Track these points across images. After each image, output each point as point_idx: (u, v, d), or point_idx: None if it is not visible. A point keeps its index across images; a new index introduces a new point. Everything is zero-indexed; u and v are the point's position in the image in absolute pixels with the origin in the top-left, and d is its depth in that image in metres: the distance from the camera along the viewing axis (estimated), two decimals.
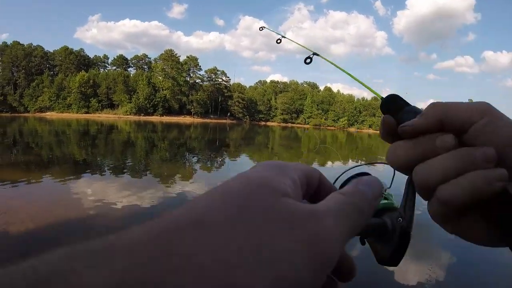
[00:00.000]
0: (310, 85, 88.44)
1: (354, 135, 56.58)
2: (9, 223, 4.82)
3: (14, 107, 78.53)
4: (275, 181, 0.20)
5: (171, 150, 15.77)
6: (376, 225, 0.30)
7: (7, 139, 20.63)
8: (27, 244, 4.12)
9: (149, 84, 73.34)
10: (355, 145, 27.96)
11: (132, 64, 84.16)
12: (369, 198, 0.22)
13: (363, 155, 19.28)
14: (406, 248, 0.28)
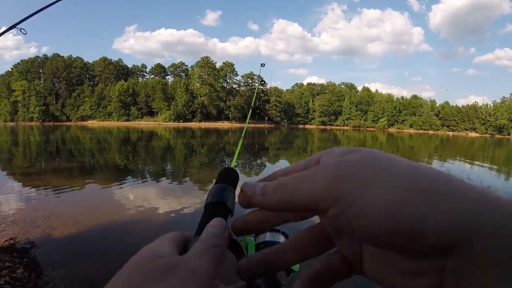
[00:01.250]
0: (347, 86, 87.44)
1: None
2: (52, 227, 4.92)
3: (57, 116, 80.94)
4: (154, 248, 0.25)
5: (209, 155, 15.70)
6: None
7: (50, 147, 21.15)
8: (70, 247, 4.21)
9: (187, 91, 74.38)
10: (396, 147, 27.28)
11: (169, 72, 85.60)
12: (219, 234, 0.27)
13: (404, 156, 18.57)
14: None
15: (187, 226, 4.88)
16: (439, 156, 18.93)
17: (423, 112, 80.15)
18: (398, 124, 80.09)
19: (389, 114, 79.39)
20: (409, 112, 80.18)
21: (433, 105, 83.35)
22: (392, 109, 79.78)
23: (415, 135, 56.94)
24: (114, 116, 76.18)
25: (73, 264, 3.68)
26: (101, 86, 78.27)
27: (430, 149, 26.00)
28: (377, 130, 74.83)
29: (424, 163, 14.77)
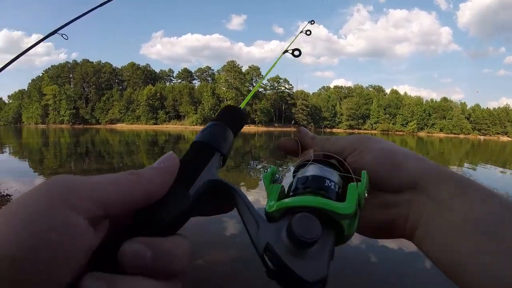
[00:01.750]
0: (375, 89, 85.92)
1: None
2: None
3: (86, 119, 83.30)
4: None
5: (236, 159, 15.20)
6: None
7: (80, 148, 21.26)
8: None
9: (213, 95, 75.07)
10: (426, 152, 26.51)
11: (196, 76, 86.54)
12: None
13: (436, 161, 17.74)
14: None
15: (214, 227, 4.92)
16: (470, 162, 18.28)
17: (453, 116, 78.18)
18: (428, 128, 78.16)
19: (418, 117, 77.68)
20: (439, 115, 78.17)
21: (463, 108, 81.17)
22: (422, 112, 78.07)
23: (445, 139, 55.57)
24: (142, 120, 77.73)
25: None
26: (129, 91, 79.94)
27: (460, 154, 25.29)
28: (406, 134, 73.43)
29: (455, 169, 13.70)
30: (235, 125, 0.36)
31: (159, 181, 0.25)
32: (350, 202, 0.30)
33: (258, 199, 7.03)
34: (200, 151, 0.31)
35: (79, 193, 0.20)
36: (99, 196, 0.21)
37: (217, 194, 0.30)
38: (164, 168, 0.26)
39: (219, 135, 0.33)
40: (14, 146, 23.19)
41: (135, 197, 0.23)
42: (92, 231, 0.21)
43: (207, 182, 0.29)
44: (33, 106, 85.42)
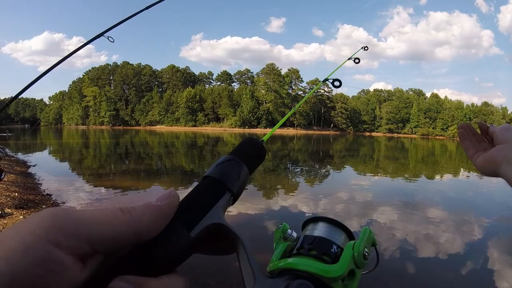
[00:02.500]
0: (415, 92, 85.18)
1: None
2: None
3: (126, 121, 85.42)
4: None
5: (274, 162, 15.58)
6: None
7: (120, 149, 22.32)
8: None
9: (253, 97, 75.90)
10: (466, 157, 26.14)
11: (235, 79, 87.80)
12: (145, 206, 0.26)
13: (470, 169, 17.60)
14: None
15: (252, 230, 5.17)
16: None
17: (494, 120, 76.76)
18: None
19: (459, 122, 76.43)
20: (479, 120, 77.08)
21: (504, 112, 79.66)
22: (462, 117, 77.10)
23: None
24: (181, 122, 79.29)
25: None
26: (169, 93, 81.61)
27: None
28: (446, 139, 72.77)
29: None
30: (253, 161, 0.35)
31: (151, 221, 0.25)
32: (341, 264, 0.29)
33: (295, 204, 7.50)
34: (210, 188, 0.30)
35: (65, 230, 0.20)
36: (86, 234, 0.21)
37: (220, 237, 0.29)
38: (159, 207, 0.26)
39: (233, 173, 0.32)
40: (55, 146, 24.57)
41: (124, 235, 0.23)
42: (79, 267, 0.21)
43: (211, 225, 0.28)
44: (73, 107, 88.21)
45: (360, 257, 0.30)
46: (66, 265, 0.20)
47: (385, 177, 12.83)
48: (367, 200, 8.27)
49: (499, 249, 5.12)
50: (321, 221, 0.36)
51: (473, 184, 11.99)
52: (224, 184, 0.30)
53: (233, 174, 0.32)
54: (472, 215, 7.14)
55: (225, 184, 0.30)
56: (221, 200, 0.30)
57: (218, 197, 0.29)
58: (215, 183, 0.30)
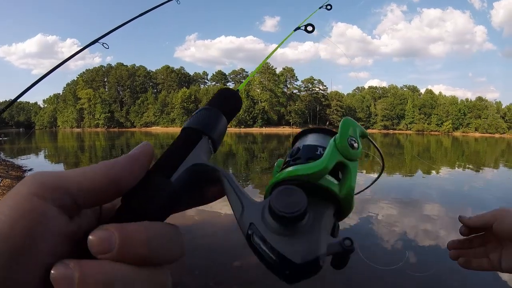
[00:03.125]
0: (410, 89, 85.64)
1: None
2: None
3: (121, 122, 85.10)
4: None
5: (271, 161, 15.39)
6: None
7: (115, 151, 21.95)
8: None
9: (248, 97, 75.86)
10: (461, 152, 26.46)
11: (230, 78, 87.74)
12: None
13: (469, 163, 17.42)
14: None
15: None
16: (506, 161, 18.45)
17: (489, 115, 77.58)
18: (463, 128, 77.82)
19: (453, 117, 77.26)
20: (474, 115, 77.47)
21: (498, 107, 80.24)
22: (457, 112, 77.75)
23: (480, 139, 55.37)
24: (177, 122, 78.94)
25: None
26: (164, 94, 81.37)
27: (496, 154, 25.56)
28: (441, 134, 73.27)
29: (491, 168, 14.72)
30: (228, 109, 0.35)
31: (126, 169, 0.25)
32: (322, 159, 0.28)
33: None
34: (187, 136, 0.30)
35: (45, 184, 0.22)
36: (65, 186, 0.22)
37: (205, 180, 0.29)
38: (133, 155, 0.26)
39: (208, 119, 0.32)
40: (50, 150, 24.02)
41: (100, 185, 0.24)
42: (64, 218, 0.22)
43: (190, 167, 0.27)
44: (68, 110, 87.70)
45: (345, 147, 0.29)
46: (50, 215, 0.21)
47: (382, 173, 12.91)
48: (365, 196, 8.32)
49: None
50: (308, 133, 0.36)
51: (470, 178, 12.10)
52: (199, 130, 0.30)
53: (209, 120, 0.32)
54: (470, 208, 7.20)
55: (200, 130, 0.30)
56: (199, 144, 0.29)
57: (195, 142, 0.29)
58: (192, 131, 0.30)
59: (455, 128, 77.88)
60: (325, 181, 0.28)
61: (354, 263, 0.27)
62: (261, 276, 3.66)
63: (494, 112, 78.16)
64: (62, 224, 0.22)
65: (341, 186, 0.28)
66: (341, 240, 0.24)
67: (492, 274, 3.79)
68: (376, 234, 5.26)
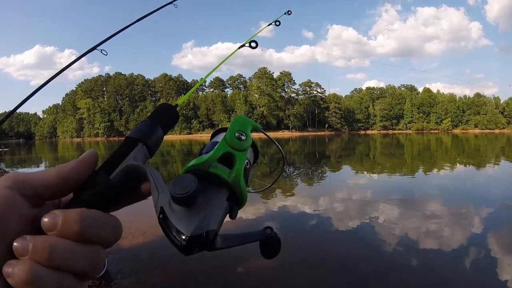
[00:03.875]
0: (408, 88, 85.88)
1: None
2: (121, 237, 5.27)
3: (121, 131, 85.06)
4: None
5: (271, 165, 15.45)
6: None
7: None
8: (138, 257, 4.39)
9: (246, 102, 76.31)
10: (461, 149, 26.38)
11: (228, 84, 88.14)
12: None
13: (470, 159, 17.64)
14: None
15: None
16: (507, 157, 18.53)
17: (488, 111, 77.66)
18: (463, 125, 77.83)
19: (452, 114, 77.38)
20: (473, 111, 77.60)
21: (497, 102, 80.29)
22: (456, 109, 77.85)
23: (480, 135, 55.32)
24: (176, 130, 79.11)
25: (141, 273, 3.90)
26: (162, 101, 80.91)
27: (496, 149, 25.50)
28: (441, 132, 73.33)
29: (491, 163, 14.86)
30: (163, 120, 0.39)
31: (74, 167, 0.32)
32: (212, 151, 0.34)
33: (295, 205, 7.45)
34: (126, 144, 0.35)
35: (15, 179, 0.29)
36: (28, 180, 0.29)
37: (138, 177, 0.34)
38: (81, 159, 0.33)
39: (144, 130, 0.36)
40: (50, 160, 24.12)
41: (55, 182, 0.31)
42: (27, 205, 0.29)
43: (125, 167, 0.33)
44: (67, 120, 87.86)
45: (232, 139, 0.35)
46: (17, 200, 0.28)
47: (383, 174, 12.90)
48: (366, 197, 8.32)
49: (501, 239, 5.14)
50: (218, 133, 0.43)
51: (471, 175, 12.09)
52: (137, 138, 0.35)
53: (144, 130, 0.36)
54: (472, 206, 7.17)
55: (138, 138, 0.35)
56: (135, 149, 0.35)
57: (132, 148, 0.35)
58: (131, 139, 0.35)
59: (454, 126, 78.00)
60: (215, 169, 0.34)
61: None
62: (264, 280, 3.69)
63: (493, 108, 78.34)
64: (25, 209, 0.29)
65: (230, 172, 0.34)
66: (262, 229, 0.31)
67: (492, 273, 3.82)
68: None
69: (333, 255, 4.49)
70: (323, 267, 4.06)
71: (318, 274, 3.85)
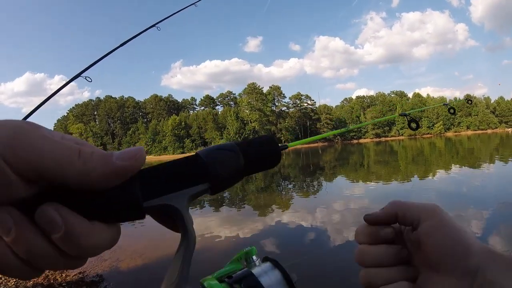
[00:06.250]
0: (398, 94, 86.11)
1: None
2: (119, 260, 5.11)
3: None
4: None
5: (266, 180, 15.68)
6: None
7: None
8: (137, 279, 4.35)
9: (237, 118, 76.12)
10: (455, 152, 26.27)
11: (218, 102, 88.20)
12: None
13: (465, 161, 17.66)
14: None
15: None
16: (500, 156, 18.37)
17: (479, 111, 78.23)
18: (455, 127, 78.28)
19: (444, 118, 77.90)
20: (464, 113, 78.04)
21: (487, 102, 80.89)
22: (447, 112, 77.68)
23: (473, 137, 55.65)
24: (169, 150, 78.77)
25: None
26: (154, 122, 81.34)
27: (490, 149, 25.43)
28: (434, 136, 73.56)
29: (486, 164, 14.77)
30: (256, 161, 0.31)
31: (104, 178, 0.24)
32: None
33: (292, 220, 7.27)
34: (191, 169, 0.28)
35: (18, 155, 0.21)
36: (35, 164, 0.22)
37: (172, 218, 0.27)
38: (117, 167, 0.24)
39: (225, 165, 0.28)
40: None
41: (70, 180, 0.23)
42: (22, 185, 0.22)
43: (167, 206, 0.26)
44: None
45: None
46: (12, 180, 0.21)
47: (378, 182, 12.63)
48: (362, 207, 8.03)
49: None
50: (265, 263, 0.39)
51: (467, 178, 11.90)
52: (207, 172, 0.28)
53: (224, 166, 0.28)
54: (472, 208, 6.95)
55: (208, 173, 0.28)
56: (194, 188, 0.27)
57: (192, 183, 0.27)
58: (200, 166, 0.28)
59: (446, 129, 78.32)
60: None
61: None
62: None
63: (484, 108, 78.91)
64: (19, 189, 0.22)
65: None
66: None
67: None
68: None
69: (333, 269, 4.37)
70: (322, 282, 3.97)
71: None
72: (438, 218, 0.34)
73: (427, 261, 0.35)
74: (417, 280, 0.35)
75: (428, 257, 0.34)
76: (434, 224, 0.34)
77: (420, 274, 0.35)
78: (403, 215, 0.36)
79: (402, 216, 0.36)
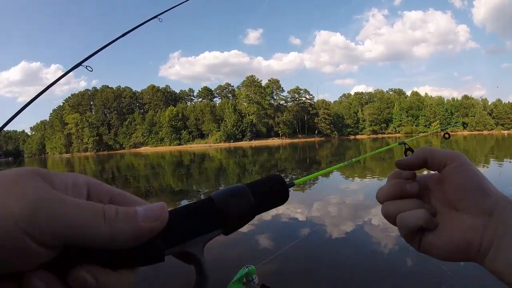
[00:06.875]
0: (396, 92, 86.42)
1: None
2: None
3: (110, 145, 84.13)
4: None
5: (262, 173, 15.31)
6: None
7: (106, 175, 21.40)
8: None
9: (235, 111, 75.91)
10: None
11: (216, 94, 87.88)
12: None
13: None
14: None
15: (245, 249, 4.96)
16: (496, 157, 18.26)
17: (476, 112, 78.63)
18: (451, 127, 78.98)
19: (441, 117, 77.99)
20: (461, 113, 78.13)
21: (485, 104, 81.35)
22: (444, 112, 78.70)
23: (469, 137, 55.97)
24: (166, 141, 78.52)
25: None
26: (151, 113, 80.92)
27: (485, 150, 25.68)
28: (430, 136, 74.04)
29: (482, 164, 14.26)
30: (266, 203, 0.33)
31: (130, 239, 0.24)
32: None
33: (288, 213, 7.02)
34: (207, 216, 0.29)
35: (41, 228, 0.21)
36: (60, 234, 0.21)
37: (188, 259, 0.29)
38: (144, 229, 0.25)
39: (237, 210, 0.30)
40: None
41: (96, 243, 0.23)
42: (45, 252, 0.21)
43: (186, 252, 0.28)
44: (56, 136, 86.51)
45: None
46: (33, 252, 0.21)
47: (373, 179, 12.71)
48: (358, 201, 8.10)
49: None
50: None
51: None
52: (221, 219, 0.30)
53: (236, 211, 0.30)
54: None
55: (222, 219, 0.30)
56: (210, 233, 0.29)
57: (208, 229, 0.29)
58: (215, 214, 0.30)
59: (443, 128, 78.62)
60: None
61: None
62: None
63: (481, 110, 79.33)
64: (42, 257, 0.22)
65: None
66: None
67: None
68: None
69: (329, 263, 4.24)
70: (319, 276, 3.82)
71: (315, 283, 3.63)
72: (462, 161, 0.38)
73: (447, 200, 0.38)
74: (435, 217, 0.38)
75: (448, 196, 0.37)
76: (457, 166, 0.37)
77: (438, 212, 0.38)
78: (432, 159, 0.39)
79: (431, 160, 0.39)
